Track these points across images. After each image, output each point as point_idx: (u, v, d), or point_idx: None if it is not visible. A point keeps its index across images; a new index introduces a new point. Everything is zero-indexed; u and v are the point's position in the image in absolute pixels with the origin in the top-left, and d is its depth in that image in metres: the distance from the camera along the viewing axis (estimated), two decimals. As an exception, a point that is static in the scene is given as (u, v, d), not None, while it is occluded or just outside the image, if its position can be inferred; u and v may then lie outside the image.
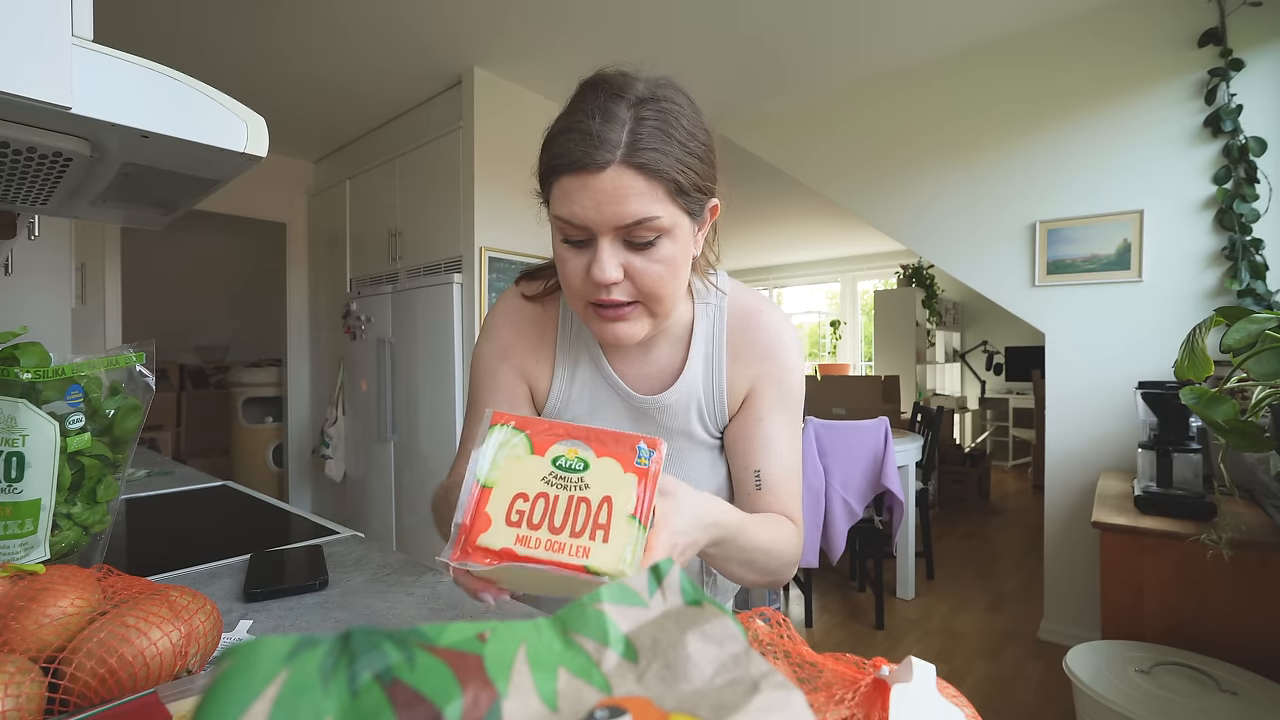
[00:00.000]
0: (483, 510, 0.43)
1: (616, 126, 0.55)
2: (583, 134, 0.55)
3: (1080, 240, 2.36)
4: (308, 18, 2.37)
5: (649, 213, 0.56)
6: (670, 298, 0.62)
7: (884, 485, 2.46)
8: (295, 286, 4.05)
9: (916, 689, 0.30)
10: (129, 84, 0.55)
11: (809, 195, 4.04)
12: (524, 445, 0.46)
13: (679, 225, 0.59)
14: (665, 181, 0.56)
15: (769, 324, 0.73)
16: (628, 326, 0.62)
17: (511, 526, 0.43)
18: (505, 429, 0.46)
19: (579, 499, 0.44)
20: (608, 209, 0.55)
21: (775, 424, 0.71)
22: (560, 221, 0.58)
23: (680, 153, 0.57)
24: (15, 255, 1.84)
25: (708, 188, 0.62)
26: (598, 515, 0.43)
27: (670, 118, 0.57)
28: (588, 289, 0.60)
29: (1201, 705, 1.24)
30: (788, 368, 0.72)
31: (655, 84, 0.59)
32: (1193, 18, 2.15)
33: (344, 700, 0.18)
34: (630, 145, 0.55)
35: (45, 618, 0.44)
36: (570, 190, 0.56)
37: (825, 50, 2.64)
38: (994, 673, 2.20)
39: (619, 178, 0.55)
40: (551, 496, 0.44)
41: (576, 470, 0.44)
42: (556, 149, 0.57)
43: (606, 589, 0.25)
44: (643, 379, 0.73)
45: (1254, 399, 1.01)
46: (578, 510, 0.43)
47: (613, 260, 0.58)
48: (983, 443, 5.93)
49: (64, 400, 0.63)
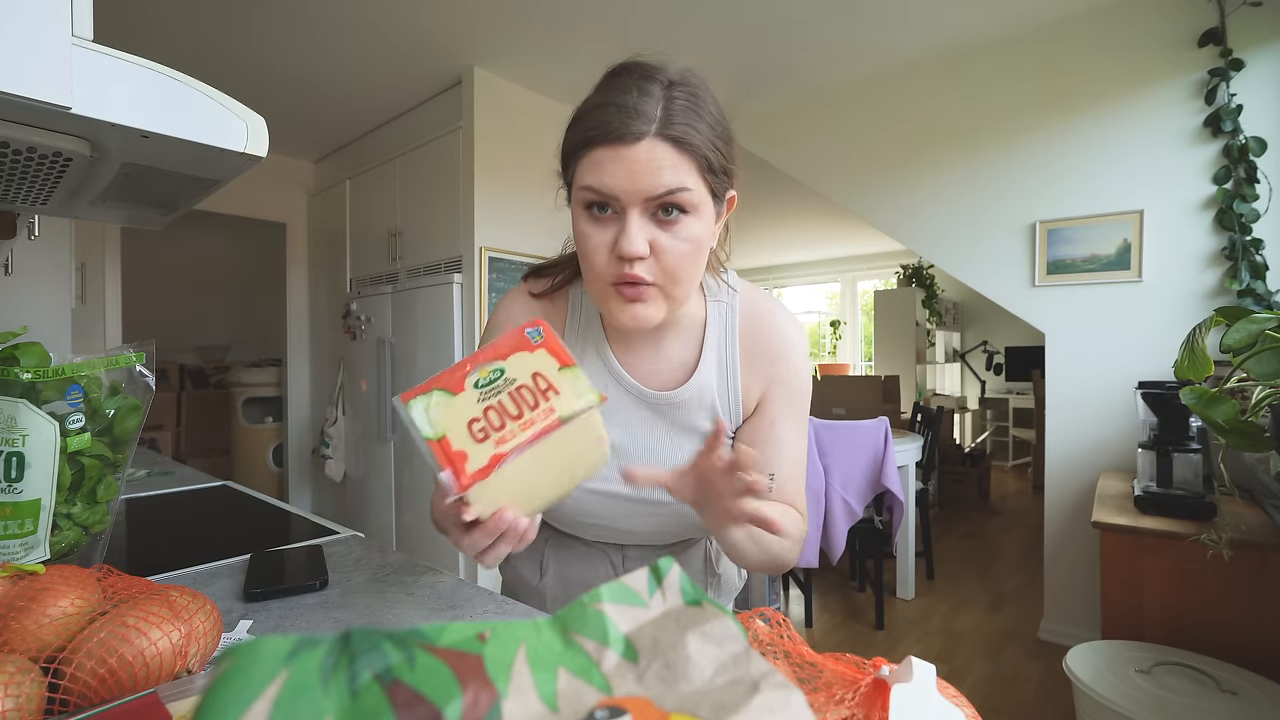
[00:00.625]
0: (451, 452, 0.45)
1: (652, 102, 0.57)
2: (619, 107, 0.57)
3: (1080, 240, 2.36)
4: (308, 18, 2.37)
5: (681, 183, 0.57)
6: (689, 281, 0.62)
7: (884, 485, 2.46)
8: (295, 286, 4.05)
9: (916, 689, 0.30)
10: (129, 84, 0.55)
11: (809, 195, 4.03)
12: (442, 395, 0.48)
13: (705, 205, 0.60)
14: (697, 157, 0.58)
15: (780, 327, 0.74)
16: (644, 309, 0.62)
17: (482, 442, 0.45)
18: (418, 398, 0.48)
19: (515, 389, 0.48)
20: (641, 179, 0.56)
21: (787, 427, 0.72)
22: (588, 191, 0.59)
23: (710, 132, 0.59)
24: (15, 255, 1.84)
25: (731, 171, 0.63)
26: (537, 385, 0.48)
27: (700, 100, 0.59)
28: (612, 265, 0.60)
29: (1201, 705, 1.24)
30: (797, 370, 0.73)
31: (683, 71, 0.61)
32: (1193, 18, 2.15)
33: (344, 700, 0.18)
34: (665, 119, 0.57)
35: (45, 618, 0.44)
36: (603, 160, 0.57)
37: (825, 50, 2.64)
38: (994, 673, 2.20)
39: (654, 149, 0.56)
40: (494, 402, 0.47)
41: (496, 378, 0.48)
42: (590, 122, 0.58)
43: (606, 589, 0.25)
44: (653, 375, 0.73)
45: (1254, 399, 1.01)
46: (520, 396, 0.47)
47: (641, 234, 0.58)
48: (983, 443, 5.93)
49: (64, 400, 0.63)
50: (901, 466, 2.71)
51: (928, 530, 3.19)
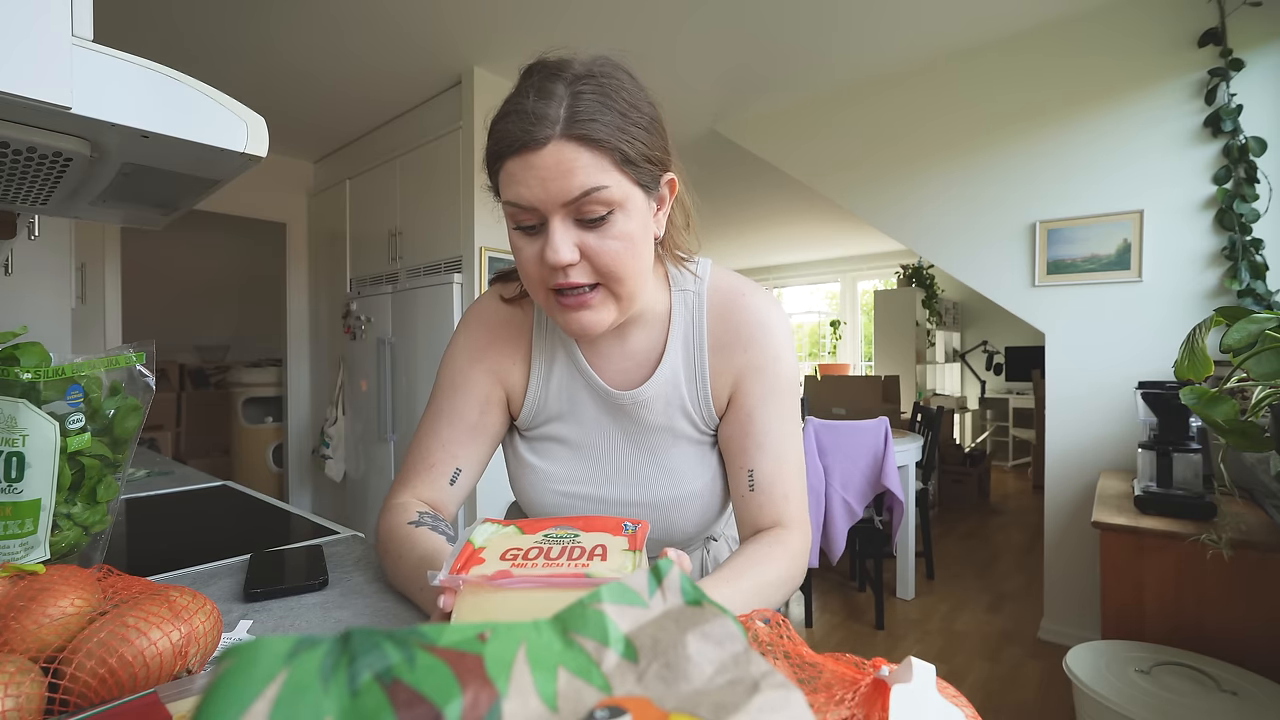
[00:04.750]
0: (476, 556, 0.44)
1: (554, 103, 0.54)
2: (520, 114, 0.54)
3: (1080, 240, 2.36)
4: (308, 18, 2.37)
5: (595, 183, 0.54)
6: (632, 277, 0.60)
7: (884, 485, 2.46)
8: (295, 286, 4.05)
9: (916, 689, 0.30)
10: (129, 84, 0.55)
11: (809, 195, 4.04)
12: (514, 529, 0.47)
13: (631, 199, 0.57)
14: (609, 151, 0.55)
15: (751, 308, 0.69)
16: (592, 314, 0.60)
17: (505, 561, 0.43)
18: (494, 524, 0.48)
19: (573, 546, 0.45)
20: (553, 185, 0.54)
21: (766, 419, 0.67)
22: (510, 207, 0.57)
23: (622, 122, 0.56)
24: (15, 255, 1.84)
25: (658, 159, 0.60)
26: (593, 551, 0.44)
27: (609, 90, 0.56)
28: (544, 274, 0.58)
29: (1201, 705, 1.24)
30: (774, 356, 0.68)
31: (592, 62, 0.58)
32: (1193, 18, 2.15)
33: (344, 700, 0.18)
34: (569, 119, 0.53)
35: (45, 618, 0.44)
36: (515, 172, 0.55)
37: (825, 50, 2.64)
38: (994, 673, 2.19)
39: (560, 151, 0.53)
40: (545, 548, 0.44)
41: (565, 535, 0.46)
42: (497, 134, 0.56)
43: (606, 589, 0.25)
44: (620, 373, 0.71)
45: (1254, 399, 1.01)
46: (572, 551, 0.44)
47: (565, 240, 0.56)
48: (983, 443, 5.93)
49: (64, 400, 0.63)
50: (901, 466, 2.71)
51: (928, 530, 3.19)
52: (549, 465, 0.73)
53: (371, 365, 3.18)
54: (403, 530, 0.65)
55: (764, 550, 0.62)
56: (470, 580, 0.41)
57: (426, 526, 0.65)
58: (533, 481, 0.73)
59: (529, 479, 0.74)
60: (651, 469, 0.71)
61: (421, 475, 0.72)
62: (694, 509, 0.71)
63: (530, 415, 0.74)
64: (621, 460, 0.71)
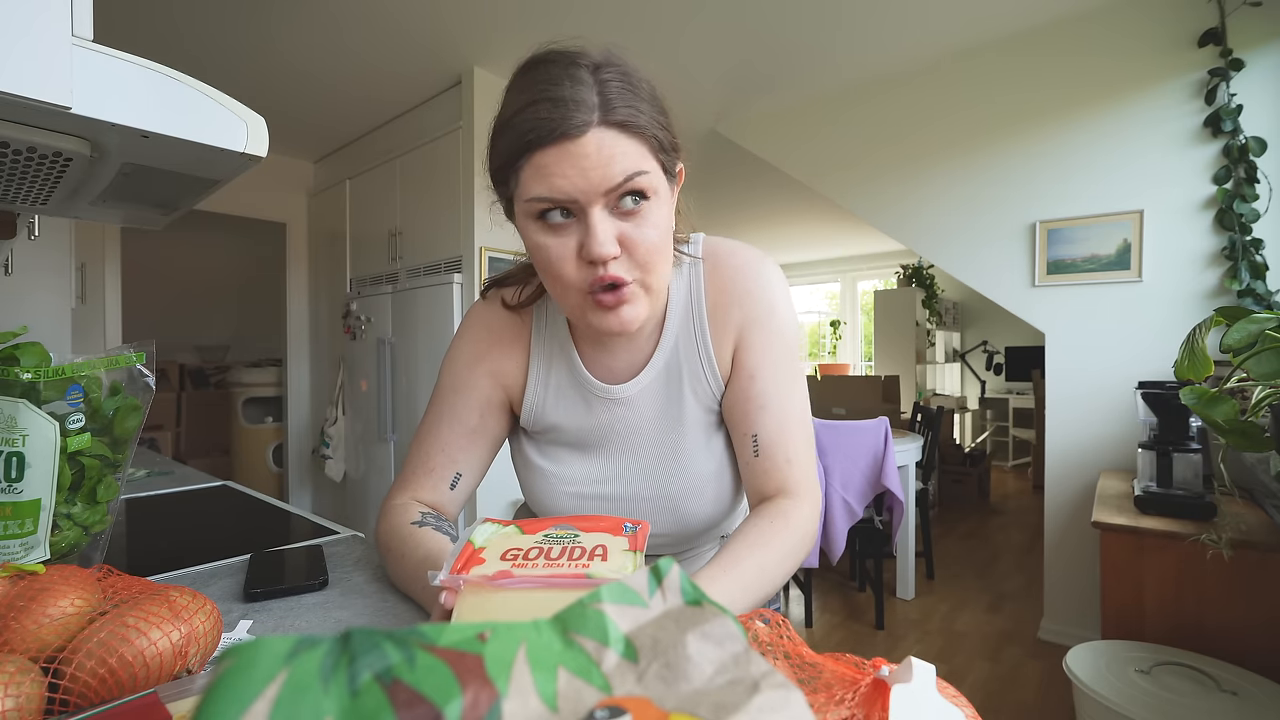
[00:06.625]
0: (476, 556, 0.44)
1: (586, 89, 0.52)
2: (554, 101, 0.51)
3: (1080, 240, 2.36)
4: (308, 18, 2.37)
5: (639, 167, 0.53)
6: (663, 271, 0.59)
7: (884, 485, 2.46)
8: (295, 286, 4.05)
9: (916, 689, 0.30)
10: (129, 84, 0.55)
11: (809, 195, 4.03)
12: (514, 529, 0.47)
13: (663, 187, 0.57)
14: (647, 138, 0.54)
15: (742, 265, 0.67)
16: (630, 309, 0.57)
17: (506, 561, 0.43)
18: (496, 525, 0.48)
19: (573, 546, 0.44)
20: (594, 174, 0.51)
21: (768, 378, 0.65)
22: (539, 202, 0.54)
23: (650, 109, 0.55)
24: (15, 255, 1.84)
25: (677, 146, 0.59)
26: (593, 551, 0.44)
27: (633, 78, 0.55)
28: (584, 273, 0.55)
29: (1201, 705, 1.24)
30: (772, 308, 0.66)
31: (605, 51, 0.56)
32: (1193, 18, 2.15)
33: (344, 700, 0.18)
34: (605, 105, 0.52)
35: (45, 618, 0.44)
36: (548, 164, 0.52)
37: (829, 48, 2.64)
38: (994, 673, 2.19)
39: (602, 138, 0.51)
40: (546, 548, 0.44)
41: (565, 535, 0.46)
42: (524, 125, 0.52)
43: (606, 589, 0.25)
44: (619, 368, 0.70)
45: (1254, 399, 1.01)
46: (573, 551, 0.44)
47: (609, 232, 0.53)
48: (983, 443, 5.93)
49: (64, 400, 0.62)
50: (901, 466, 2.71)
51: (928, 530, 3.19)
52: (557, 468, 0.73)
53: (371, 365, 3.18)
54: (406, 530, 0.65)
55: (763, 527, 0.60)
56: (471, 580, 0.41)
57: (430, 526, 0.65)
58: (543, 485, 0.73)
59: (539, 482, 0.74)
60: (659, 460, 0.70)
61: (421, 478, 0.72)
62: (707, 496, 0.70)
63: (531, 415, 0.74)
64: (628, 455, 0.71)
